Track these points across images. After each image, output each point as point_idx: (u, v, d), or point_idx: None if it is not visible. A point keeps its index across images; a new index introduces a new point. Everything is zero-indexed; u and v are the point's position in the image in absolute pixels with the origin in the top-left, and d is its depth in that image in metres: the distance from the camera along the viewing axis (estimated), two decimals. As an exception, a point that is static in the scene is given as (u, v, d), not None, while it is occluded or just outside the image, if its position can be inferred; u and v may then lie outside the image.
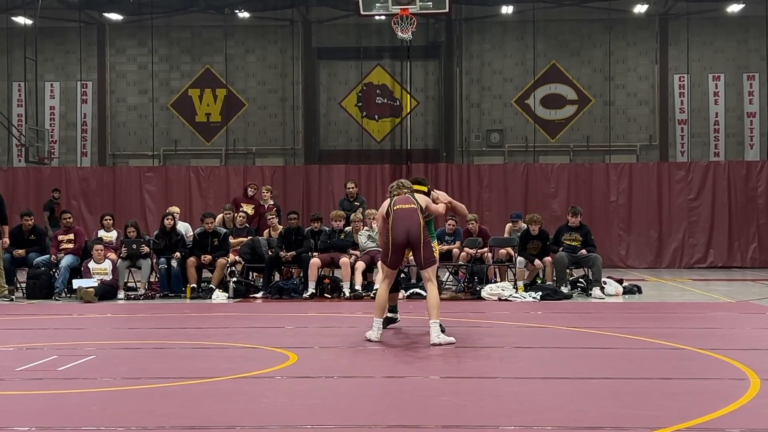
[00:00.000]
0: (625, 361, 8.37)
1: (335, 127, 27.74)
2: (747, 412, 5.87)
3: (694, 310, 12.73)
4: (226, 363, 8.09)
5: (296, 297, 14.94)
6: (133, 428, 5.58)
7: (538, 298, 14.42)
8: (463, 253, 15.95)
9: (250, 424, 5.69)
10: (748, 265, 22.86)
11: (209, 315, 12.80)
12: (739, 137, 26.97)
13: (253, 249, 15.99)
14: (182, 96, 27.79)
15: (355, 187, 18.45)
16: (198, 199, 23.94)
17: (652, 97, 27.11)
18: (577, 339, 9.57)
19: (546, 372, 7.59)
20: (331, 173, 24.11)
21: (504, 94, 27.43)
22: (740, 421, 5.63)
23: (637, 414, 5.87)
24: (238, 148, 27.66)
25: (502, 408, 6.12)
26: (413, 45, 25.24)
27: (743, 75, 26.87)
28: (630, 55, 27.20)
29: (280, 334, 10.32)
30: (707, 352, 8.41)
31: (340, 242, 15.64)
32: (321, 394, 6.71)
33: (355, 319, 12.03)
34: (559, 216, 21.01)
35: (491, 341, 9.65)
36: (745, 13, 26.25)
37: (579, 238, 15.67)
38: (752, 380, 6.91)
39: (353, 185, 18.45)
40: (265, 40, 27.78)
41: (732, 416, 5.74)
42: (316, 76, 27.73)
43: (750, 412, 5.88)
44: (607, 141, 26.78)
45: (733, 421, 5.61)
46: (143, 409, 6.18)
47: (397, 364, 8.01)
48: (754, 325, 10.73)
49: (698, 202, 23.32)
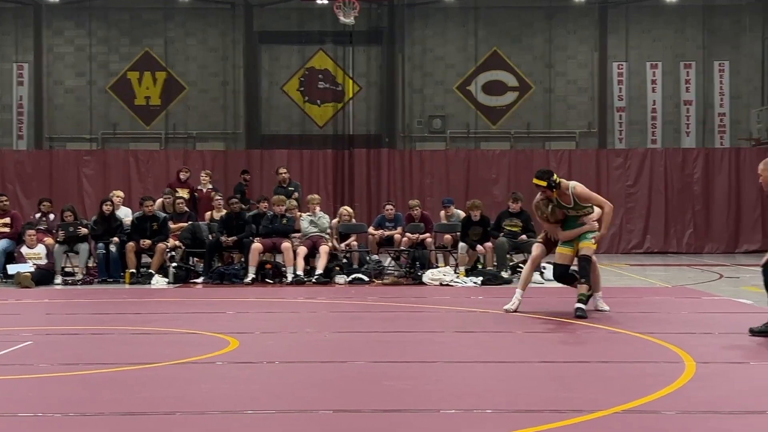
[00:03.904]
0: (565, 345, 8.48)
1: (277, 112, 27.58)
2: (682, 395, 5.98)
3: (632, 295, 12.93)
4: (165, 349, 8.02)
5: (237, 282, 14.85)
6: (71, 414, 5.51)
7: (478, 283, 14.53)
8: (405, 238, 16.02)
9: (191, 409, 5.65)
10: (684, 251, 23.26)
11: (148, 300, 12.68)
12: (676, 125, 27.39)
13: (194, 234, 15.86)
14: (121, 79, 27.38)
15: (287, 172, 18.43)
16: (137, 183, 23.65)
17: (591, 85, 27.39)
18: (517, 323, 9.67)
19: (486, 356, 7.66)
20: (273, 158, 23.98)
21: (446, 80, 27.50)
22: (675, 403, 5.73)
23: (576, 397, 5.95)
24: (178, 132, 27.36)
25: (443, 392, 6.16)
26: (356, 30, 25.20)
27: (680, 63, 27.27)
28: (570, 42, 27.44)
29: (221, 320, 10.26)
30: (644, 336, 8.55)
31: (282, 227, 15.58)
32: (262, 379, 6.69)
33: (297, 304, 12.01)
34: (500, 202, 21.15)
35: (433, 326, 9.70)
36: (682, 2, 26.64)
37: (519, 223, 15.81)
38: (687, 363, 7.05)
39: (285, 171, 18.41)
40: (205, 23, 27.48)
41: (668, 399, 5.85)
42: (258, 60, 27.52)
43: (685, 395, 5.99)
44: (547, 128, 27.02)
45: (669, 403, 5.72)
46: (81, 395, 6.11)
47: (339, 349, 8.01)
48: (689, 310, 10.93)
49: (636, 188, 23.67)
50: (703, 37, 26.86)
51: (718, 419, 5.36)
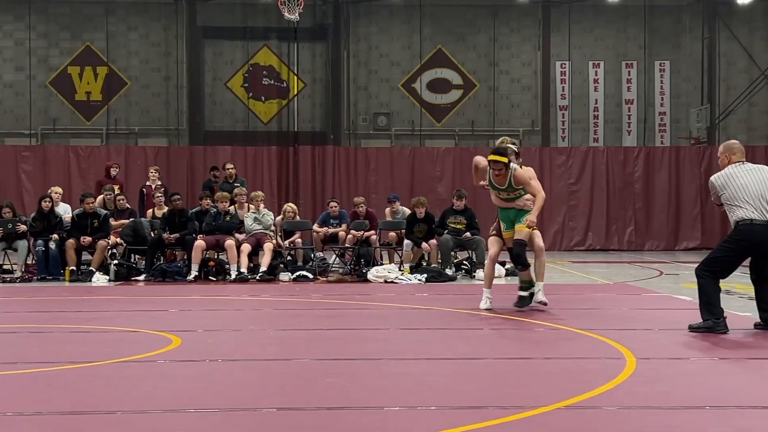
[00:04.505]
0: (508, 342, 8.54)
1: (221, 108, 27.39)
2: (623, 390, 6.05)
3: (574, 292, 13.06)
4: (106, 347, 7.91)
5: (180, 280, 14.72)
6: (9, 414, 5.40)
7: (423, 280, 14.57)
8: (350, 235, 16.01)
9: (132, 408, 5.58)
10: (625, 248, 23.57)
11: (89, 298, 12.51)
12: (618, 123, 27.75)
13: (135, 231, 15.69)
14: (61, 74, 26.97)
15: (234, 168, 18.40)
16: (78, 179, 23.28)
17: (534, 83, 27.63)
18: (461, 320, 9.70)
19: (430, 353, 7.67)
20: (216, 154, 23.79)
21: (391, 77, 27.54)
22: (616, 398, 5.79)
23: (519, 393, 5.99)
24: (120, 127, 27.03)
25: (387, 389, 6.15)
26: (300, 26, 25.10)
27: (622, 63, 27.63)
28: (514, 41, 27.65)
29: (163, 318, 10.15)
30: (586, 332, 8.63)
31: (226, 224, 15.47)
32: (205, 377, 6.63)
33: (241, 302, 11.93)
34: (444, 199, 21.23)
35: (377, 323, 9.70)
36: (624, 2, 26.99)
37: (464, 221, 15.88)
38: (628, 359, 7.13)
39: (232, 166, 18.36)
40: (148, 18, 27.17)
41: (609, 394, 5.91)
42: (202, 56, 27.29)
43: (626, 390, 6.06)
44: (491, 126, 27.20)
45: (610, 399, 5.78)
46: (20, 394, 5.99)
47: (283, 347, 7.97)
48: (630, 306, 11.07)
49: (578, 186, 23.92)
50: (644, 36, 27.24)
51: (658, 414, 5.43)
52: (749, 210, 8.36)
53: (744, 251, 8.55)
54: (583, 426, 5.19)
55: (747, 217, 8.36)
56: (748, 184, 8.44)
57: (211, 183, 18.66)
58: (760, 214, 8.35)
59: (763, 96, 27.25)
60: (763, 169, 8.60)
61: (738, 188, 8.45)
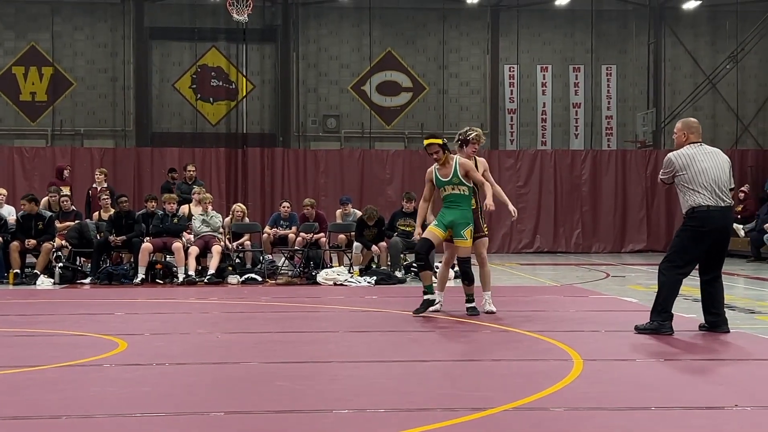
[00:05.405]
0: (457, 344, 8.57)
1: (168, 109, 27.15)
2: (571, 392, 6.10)
3: (522, 294, 13.15)
4: (51, 351, 7.79)
5: (126, 283, 14.56)
6: (-50, 421, 5.29)
7: (372, 283, 14.57)
8: (299, 238, 15.96)
9: (77, 413, 5.50)
10: (572, 250, 23.81)
11: (34, 301, 12.31)
12: (565, 127, 28.03)
13: (81, 233, 15.49)
14: (5, 74, 26.55)
15: (195, 170, 18.42)
16: (22, 181, 22.97)
17: (483, 86, 27.80)
18: (409, 323, 9.72)
19: (380, 355, 7.67)
20: (164, 156, 23.61)
21: (341, 80, 27.53)
22: (564, 400, 5.83)
23: (468, 395, 6.01)
24: (65, 128, 26.68)
25: (337, 392, 6.14)
26: (249, 28, 25.00)
27: (569, 67, 27.92)
28: (463, 44, 27.79)
29: (109, 321, 10.02)
30: (534, 334, 8.69)
31: (174, 226, 15.33)
32: (152, 381, 6.56)
33: (189, 305, 11.83)
34: (394, 201, 21.28)
35: (326, 326, 9.68)
36: (572, 6, 27.27)
37: (413, 223, 15.83)
38: (575, 361, 7.19)
39: (193, 168, 18.36)
40: (94, 18, 26.86)
41: (557, 395, 5.95)
42: (149, 57, 27.05)
43: (573, 392, 6.11)
44: (440, 128, 27.27)
45: (558, 400, 5.82)
46: (-39, 400, 5.88)
47: (231, 350, 7.91)
48: (577, 308, 11.16)
49: (526, 189, 24.11)
50: (591, 41, 27.54)
51: (604, 415, 5.48)
52: (706, 196, 8.32)
53: (703, 237, 8.40)
54: (531, 427, 5.22)
55: (703, 204, 8.32)
56: (708, 169, 8.37)
57: (170, 185, 18.51)
58: (716, 200, 8.36)
59: (707, 100, 27.70)
60: (719, 154, 8.59)
61: (698, 172, 8.35)
